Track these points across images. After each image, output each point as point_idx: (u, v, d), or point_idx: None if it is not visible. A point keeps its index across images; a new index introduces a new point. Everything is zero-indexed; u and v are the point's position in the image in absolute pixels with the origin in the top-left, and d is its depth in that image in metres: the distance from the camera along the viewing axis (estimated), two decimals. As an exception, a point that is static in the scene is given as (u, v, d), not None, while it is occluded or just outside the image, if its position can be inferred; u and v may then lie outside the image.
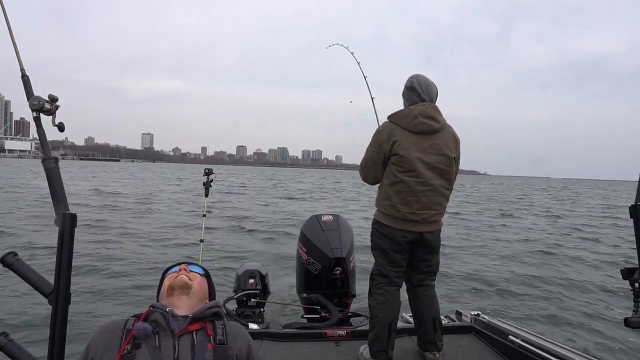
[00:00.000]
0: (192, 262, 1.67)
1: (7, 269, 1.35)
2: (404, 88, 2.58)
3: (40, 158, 1.42)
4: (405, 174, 2.39)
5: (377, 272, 2.55)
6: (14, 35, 1.42)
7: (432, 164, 2.42)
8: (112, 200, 19.29)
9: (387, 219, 2.47)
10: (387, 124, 2.50)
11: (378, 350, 2.43)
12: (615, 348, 4.76)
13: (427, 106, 2.46)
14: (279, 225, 13.56)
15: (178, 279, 1.51)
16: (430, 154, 2.42)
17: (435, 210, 2.46)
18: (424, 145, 2.42)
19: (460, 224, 15.61)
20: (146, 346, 1.30)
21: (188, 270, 1.58)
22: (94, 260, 7.64)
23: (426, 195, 2.41)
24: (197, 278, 1.57)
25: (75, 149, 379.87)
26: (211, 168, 4.70)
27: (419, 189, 2.39)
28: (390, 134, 2.43)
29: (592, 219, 20.41)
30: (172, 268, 1.63)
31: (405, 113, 2.46)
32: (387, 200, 2.46)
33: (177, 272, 1.56)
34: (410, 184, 2.39)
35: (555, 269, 8.79)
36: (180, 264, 1.63)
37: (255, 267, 3.98)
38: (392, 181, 2.44)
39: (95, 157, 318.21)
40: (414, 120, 2.41)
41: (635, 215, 1.66)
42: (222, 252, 9.20)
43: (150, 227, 12.49)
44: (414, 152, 2.40)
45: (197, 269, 1.62)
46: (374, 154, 2.50)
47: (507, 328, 2.71)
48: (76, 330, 4.49)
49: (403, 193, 2.40)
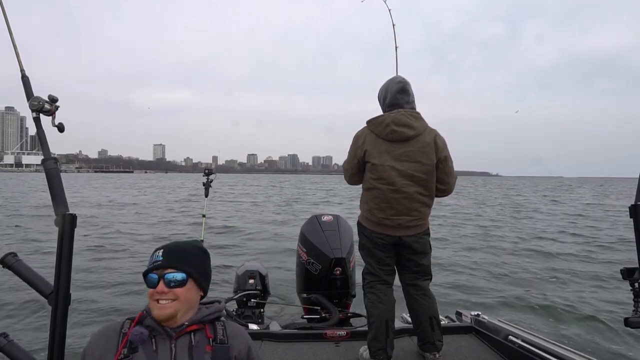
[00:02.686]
0: (169, 265, 1.34)
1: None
2: (378, 96, 2.60)
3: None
4: (378, 182, 2.43)
5: (366, 271, 2.60)
6: (14, 36, 1.43)
7: (406, 172, 2.41)
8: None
9: (366, 222, 2.54)
10: (364, 130, 2.53)
11: (377, 349, 2.43)
12: (615, 348, 4.76)
13: (402, 113, 2.44)
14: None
15: (159, 314, 1.31)
16: (405, 161, 2.41)
17: (411, 216, 2.44)
18: (398, 152, 2.42)
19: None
20: (143, 350, 1.28)
21: (165, 291, 1.31)
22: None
23: (400, 203, 2.42)
24: (178, 294, 1.32)
25: (90, 162, 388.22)
26: (211, 169, 4.70)
27: (391, 196, 2.41)
28: (364, 142, 2.47)
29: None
30: (149, 274, 1.34)
31: (379, 121, 2.47)
32: (365, 204, 2.52)
33: (158, 294, 1.31)
34: (383, 190, 2.42)
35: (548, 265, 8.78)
36: (152, 268, 1.34)
37: (255, 267, 3.98)
38: (367, 187, 2.50)
39: (110, 169, 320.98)
40: (386, 128, 2.42)
41: (635, 215, 1.66)
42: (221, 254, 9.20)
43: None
44: (386, 160, 2.41)
45: (176, 276, 1.33)
46: (350, 158, 2.57)
47: (507, 328, 2.71)
48: (76, 330, 4.49)
49: (377, 199, 2.45)
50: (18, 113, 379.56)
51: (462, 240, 12.14)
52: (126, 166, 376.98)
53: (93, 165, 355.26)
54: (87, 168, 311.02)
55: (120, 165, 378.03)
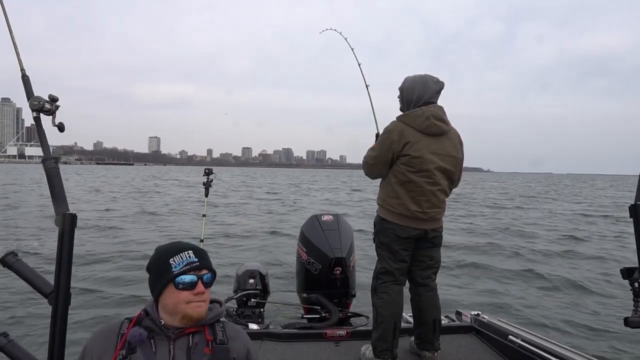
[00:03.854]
0: (203, 266, 1.35)
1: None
2: (405, 88, 2.56)
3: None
4: (416, 174, 2.43)
5: (382, 271, 2.55)
6: (14, 35, 1.42)
7: (442, 165, 2.47)
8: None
9: (393, 216, 2.50)
10: (398, 124, 2.50)
11: (383, 350, 2.44)
12: (615, 348, 4.76)
13: (438, 107, 2.50)
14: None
15: (199, 314, 1.32)
16: (441, 154, 2.47)
17: (440, 208, 2.54)
18: (436, 146, 2.46)
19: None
20: (141, 351, 1.28)
21: (205, 291, 1.33)
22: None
23: (435, 195, 2.47)
24: (208, 293, 1.36)
25: (85, 154, 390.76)
26: (211, 168, 4.74)
27: (428, 189, 2.44)
28: (402, 135, 2.44)
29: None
30: (183, 276, 1.31)
31: (417, 114, 2.46)
32: (396, 198, 2.48)
33: (195, 296, 1.31)
34: (420, 184, 2.43)
35: (547, 266, 8.79)
36: (189, 269, 1.32)
37: (255, 267, 3.98)
38: (401, 180, 2.46)
39: (109, 161, 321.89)
40: (426, 121, 2.43)
41: (635, 215, 1.66)
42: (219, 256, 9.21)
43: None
44: (426, 154, 2.43)
45: (209, 277, 1.37)
46: (382, 153, 2.51)
47: (507, 328, 2.72)
48: (76, 330, 4.49)
49: (413, 192, 2.44)
50: (14, 104, 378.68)
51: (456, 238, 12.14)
52: (122, 158, 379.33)
53: (89, 157, 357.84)
54: (88, 160, 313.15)
55: (116, 157, 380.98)
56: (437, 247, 2.61)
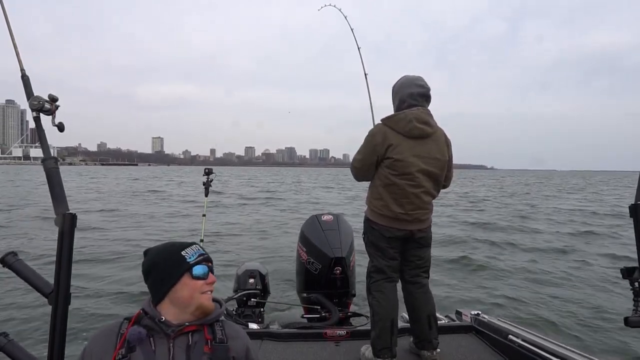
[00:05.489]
0: (209, 259, 1.42)
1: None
2: (393, 90, 2.61)
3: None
4: (399, 177, 2.46)
5: (373, 270, 2.60)
6: (14, 35, 1.42)
7: (426, 168, 2.48)
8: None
9: (378, 217, 2.54)
10: (382, 127, 2.53)
11: (381, 348, 2.44)
12: (615, 348, 4.76)
13: (421, 111, 2.50)
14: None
15: (210, 305, 1.36)
16: (424, 157, 2.48)
17: (425, 209, 2.55)
18: (419, 149, 2.48)
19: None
20: (141, 350, 1.28)
21: (215, 281, 1.39)
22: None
23: (418, 197, 2.48)
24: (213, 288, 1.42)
25: (90, 155, 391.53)
26: (211, 168, 4.74)
27: (411, 192, 2.46)
28: (385, 138, 2.47)
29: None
30: (197, 266, 1.36)
31: (400, 117, 2.49)
32: (380, 200, 2.52)
33: (207, 285, 1.36)
34: (403, 186, 2.46)
35: (550, 265, 8.79)
36: (202, 260, 1.38)
37: (255, 267, 3.98)
38: (385, 183, 2.50)
39: (113, 162, 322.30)
40: (408, 124, 2.45)
41: (635, 214, 1.66)
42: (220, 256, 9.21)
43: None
44: (409, 157, 2.45)
45: (213, 270, 1.43)
46: (366, 156, 2.55)
47: (507, 328, 2.72)
48: (76, 330, 4.49)
49: (395, 195, 2.47)
50: (18, 106, 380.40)
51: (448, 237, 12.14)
52: (125, 159, 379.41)
53: (94, 158, 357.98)
54: (93, 161, 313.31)
55: (120, 158, 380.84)
56: (426, 247, 2.63)
